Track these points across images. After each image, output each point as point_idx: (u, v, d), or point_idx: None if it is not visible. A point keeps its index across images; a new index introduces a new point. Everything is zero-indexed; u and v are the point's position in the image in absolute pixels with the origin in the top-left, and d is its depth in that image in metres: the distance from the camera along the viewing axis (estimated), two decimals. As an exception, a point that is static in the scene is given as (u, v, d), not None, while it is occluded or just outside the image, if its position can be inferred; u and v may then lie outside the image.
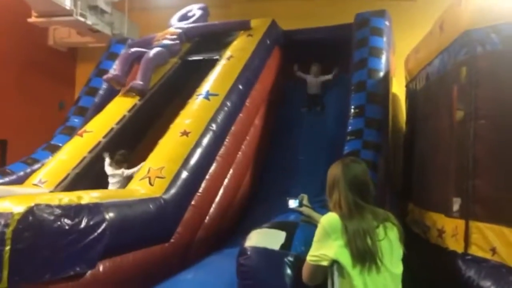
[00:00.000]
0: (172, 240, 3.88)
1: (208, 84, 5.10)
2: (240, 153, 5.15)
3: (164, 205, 3.78)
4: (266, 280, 1.99)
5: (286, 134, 5.89)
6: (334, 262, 1.76)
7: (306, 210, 2.46)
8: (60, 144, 5.26)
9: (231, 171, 4.89)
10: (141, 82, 5.47)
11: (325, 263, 1.78)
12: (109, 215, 3.11)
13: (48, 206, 2.68)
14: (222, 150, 4.68)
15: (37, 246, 2.57)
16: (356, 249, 1.72)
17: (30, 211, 2.57)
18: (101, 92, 6.15)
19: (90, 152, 4.45)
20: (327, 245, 1.77)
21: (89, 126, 4.79)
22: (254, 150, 5.50)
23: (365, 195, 1.87)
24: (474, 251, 3.15)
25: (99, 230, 2.96)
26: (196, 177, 4.22)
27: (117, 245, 3.14)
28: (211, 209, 4.49)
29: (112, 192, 3.52)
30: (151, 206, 3.63)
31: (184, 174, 4.09)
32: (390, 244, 1.79)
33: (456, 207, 3.46)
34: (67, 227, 2.72)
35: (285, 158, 5.65)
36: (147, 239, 3.58)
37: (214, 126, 4.59)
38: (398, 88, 6.13)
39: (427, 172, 4.28)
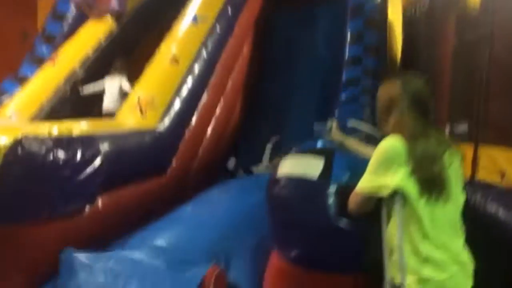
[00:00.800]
0: (167, 173, 3.67)
1: (195, 6, 4.60)
2: (230, 82, 4.84)
3: (158, 137, 3.51)
4: (304, 213, 1.80)
5: (276, 63, 5.55)
6: (396, 192, 1.60)
7: (337, 136, 2.26)
8: (28, 74, 4.73)
9: (221, 101, 4.60)
10: (117, 5, 4.89)
11: (384, 194, 1.59)
12: (104, 147, 2.82)
13: (38, 138, 2.35)
14: (213, 79, 4.34)
15: (30, 182, 2.28)
16: (424, 176, 1.53)
17: (18, 143, 2.24)
18: (69, 18, 5.46)
19: (65, 82, 4.00)
20: (389, 173, 1.57)
21: (62, 53, 4.26)
22: (244, 80, 5.17)
23: (428, 114, 1.67)
24: (482, 175, 3.13)
25: (95, 164, 2.69)
26: (188, 108, 3.91)
27: (114, 179, 2.89)
28: (204, 141, 4.26)
29: (102, 123, 3.19)
30: (145, 138, 3.36)
31: (177, 105, 3.78)
32: (456, 172, 1.62)
33: (463, 131, 3.40)
34: (61, 161, 2.43)
35: (276, 89, 5.36)
36: (143, 173, 3.33)
37: (204, 53, 4.20)
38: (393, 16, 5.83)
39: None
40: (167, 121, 3.67)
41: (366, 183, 1.65)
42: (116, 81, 4.68)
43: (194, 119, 4.00)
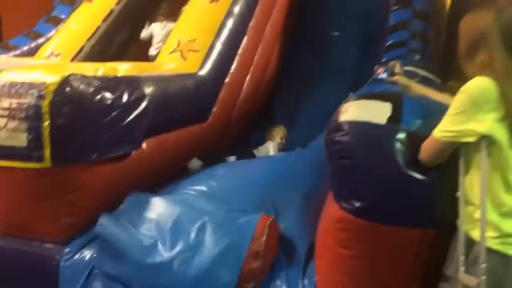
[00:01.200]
0: (209, 120, 3.59)
1: None
2: (268, 26, 4.59)
3: (200, 81, 3.38)
4: (370, 161, 1.66)
5: (316, 6, 5.22)
6: (482, 138, 1.44)
7: (401, 79, 2.07)
8: (62, 16, 4.58)
9: (260, 45, 4.39)
10: None
11: (469, 140, 1.44)
12: (148, 90, 2.72)
13: (85, 76, 2.27)
14: (253, 21, 4.11)
15: (80, 122, 2.22)
16: None
17: (65, 81, 2.15)
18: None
19: (104, 21, 3.85)
20: (476, 118, 1.42)
21: (99, -9, 4.09)
22: (282, 23, 4.90)
23: None
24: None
25: (142, 106, 2.60)
26: (230, 51, 3.74)
27: (158, 123, 2.81)
28: (243, 87, 4.12)
29: (144, 66, 3.08)
30: (188, 82, 3.24)
31: (218, 48, 3.60)
32: None
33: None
34: (109, 101, 2.35)
35: (315, 34, 5.09)
36: (186, 118, 3.25)
37: (245, -12, 3.94)
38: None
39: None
40: (208, 65, 3.52)
41: (448, 127, 1.49)
42: (163, 26, 4.51)
43: (234, 63, 3.86)
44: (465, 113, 1.44)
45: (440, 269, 1.63)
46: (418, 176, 1.62)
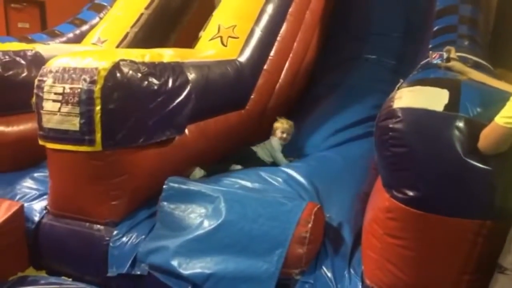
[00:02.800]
0: (247, 107, 3.59)
1: None
2: (308, 11, 4.51)
3: (240, 68, 3.39)
4: (426, 148, 1.60)
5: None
6: None
7: (457, 65, 1.99)
8: (105, 3, 4.68)
9: (300, 31, 4.33)
10: None
11: None
12: (191, 76, 2.75)
13: (134, 62, 2.30)
14: (292, 7, 4.06)
15: (129, 107, 2.27)
16: None
17: (116, 66, 2.20)
18: None
19: (146, 8, 3.91)
20: None
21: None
22: (321, 8, 4.81)
23: None
24: None
25: (185, 92, 2.63)
26: (269, 38, 3.71)
27: (200, 109, 2.84)
28: (282, 74, 4.09)
29: (186, 52, 3.10)
30: (228, 69, 3.24)
31: (258, 34, 3.59)
32: None
33: None
34: (155, 87, 2.39)
35: (355, 19, 4.96)
36: (225, 104, 3.28)
37: (285, -24, 3.88)
38: None
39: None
40: (247, 51, 3.51)
41: (508, 114, 1.43)
42: None
43: (273, 50, 3.83)
44: None
45: (496, 260, 1.58)
46: (476, 165, 1.56)
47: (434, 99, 1.67)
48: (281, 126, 3.38)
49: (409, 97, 1.72)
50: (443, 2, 3.96)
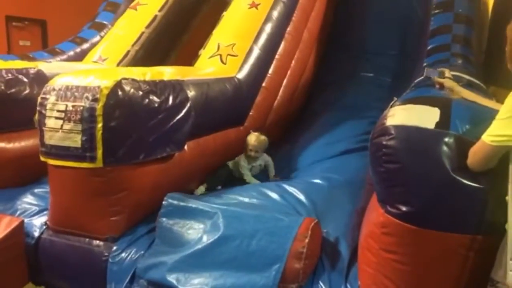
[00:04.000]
0: (246, 124, 3.65)
1: None
2: (305, 31, 4.62)
3: (239, 85, 3.46)
4: (418, 166, 1.65)
5: (352, 7, 5.21)
6: None
7: (448, 82, 2.06)
8: (105, 22, 4.80)
9: (298, 50, 4.42)
10: None
11: None
12: (191, 93, 2.81)
13: (135, 80, 2.37)
14: (290, 26, 4.16)
15: (130, 125, 2.32)
16: None
17: (118, 85, 2.26)
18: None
19: (147, 27, 4.00)
20: None
21: (143, -1, 4.24)
22: (319, 27, 4.92)
23: None
24: None
25: (185, 109, 2.69)
26: (267, 56, 3.80)
27: (199, 126, 2.89)
28: (280, 92, 4.16)
29: (185, 70, 3.17)
30: (227, 86, 3.31)
31: (256, 52, 3.67)
32: None
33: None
34: (156, 105, 2.44)
35: (352, 38, 5.08)
36: (224, 121, 3.34)
37: (283, -3, 4.00)
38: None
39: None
40: (246, 69, 3.59)
41: (498, 132, 1.48)
42: None
43: (272, 68, 3.91)
44: None
45: (488, 274, 1.61)
46: (467, 181, 1.60)
47: (426, 117, 1.73)
48: (250, 143, 3.19)
49: (401, 115, 1.78)
50: (437, 21, 4.07)
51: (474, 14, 4.15)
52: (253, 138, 3.21)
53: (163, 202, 2.39)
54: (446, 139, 1.65)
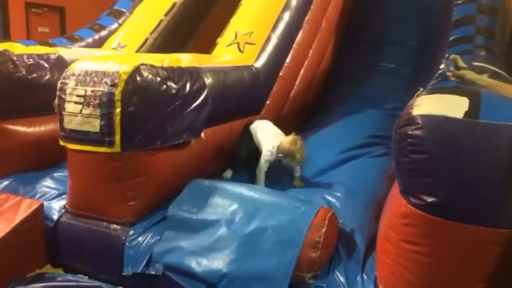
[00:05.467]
0: (262, 113, 3.63)
1: None
2: (324, 20, 4.55)
3: (256, 74, 3.43)
4: (446, 155, 1.61)
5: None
6: None
7: (468, 74, 2.00)
8: (124, 10, 4.79)
9: (316, 39, 4.36)
10: None
11: None
12: (208, 80, 2.80)
13: (153, 66, 2.36)
14: (309, 15, 4.10)
15: (148, 110, 2.32)
16: None
17: (136, 70, 2.26)
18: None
19: (166, 14, 3.99)
20: None
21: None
22: (338, 17, 4.84)
23: None
24: None
25: (202, 97, 2.68)
26: (285, 45, 3.76)
27: (216, 113, 2.88)
28: (297, 81, 4.12)
29: (203, 57, 3.15)
30: (244, 74, 3.29)
31: (274, 41, 3.64)
32: None
33: None
34: (173, 91, 2.44)
35: (370, 28, 4.98)
36: (241, 109, 3.32)
37: (302, -16, 3.94)
38: None
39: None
40: (263, 58, 3.56)
41: None
42: None
43: (289, 57, 3.87)
44: None
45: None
46: (495, 173, 1.56)
47: (454, 106, 1.68)
48: (295, 156, 2.68)
49: (428, 104, 1.73)
50: (460, 12, 3.96)
51: (498, 5, 4.02)
52: (297, 153, 2.69)
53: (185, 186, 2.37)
54: (476, 129, 1.60)
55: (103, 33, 4.51)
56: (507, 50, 4.52)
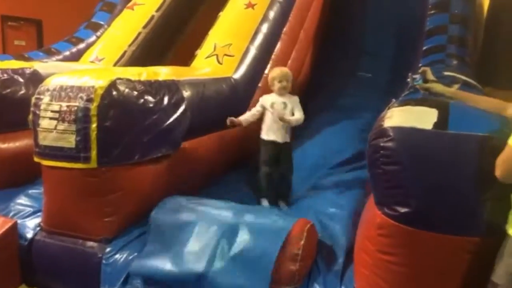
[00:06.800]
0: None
1: None
2: (302, 31, 4.61)
3: (235, 85, 3.45)
4: (417, 166, 1.64)
5: (349, 7, 5.20)
6: None
7: (436, 86, 2.05)
8: (102, 22, 4.76)
9: (294, 50, 4.41)
10: None
11: None
12: (187, 93, 2.80)
13: (130, 81, 2.35)
14: (286, 27, 4.15)
15: (125, 125, 2.30)
16: None
17: (112, 85, 2.24)
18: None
19: (144, 27, 3.98)
20: None
21: (140, -1, 4.23)
22: (315, 28, 4.91)
23: None
24: None
25: (180, 110, 2.68)
26: (264, 56, 3.79)
27: (196, 126, 2.87)
28: (276, 93, 4.15)
29: (181, 70, 3.15)
30: (224, 86, 3.30)
31: (252, 52, 3.67)
32: None
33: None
34: (151, 105, 2.43)
35: (347, 39, 5.07)
36: (220, 121, 3.29)
37: (279, -3, 3.99)
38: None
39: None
40: (242, 69, 3.58)
41: None
42: None
43: (267, 69, 3.89)
44: None
45: (487, 277, 1.60)
46: (465, 182, 1.60)
47: (424, 117, 1.72)
48: (274, 75, 2.96)
49: (399, 116, 1.77)
50: (432, 22, 4.07)
51: (469, 15, 4.15)
52: (276, 71, 3.03)
53: (159, 203, 2.36)
54: (445, 139, 1.64)
55: (81, 46, 4.46)
56: (478, 59, 4.67)
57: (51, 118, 2.26)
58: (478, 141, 1.61)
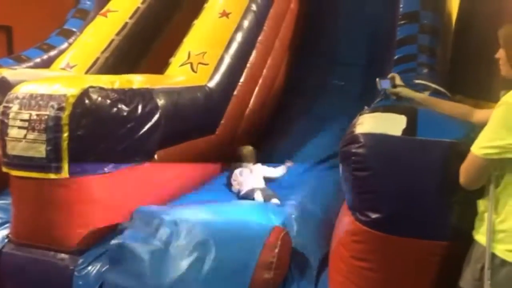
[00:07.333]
0: (217, 132, 3.63)
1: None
2: (277, 40, 4.66)
3: (210, 93, 3.44)
4: (387, 172, 1.68)
5: (323, 17, 5.29)
6: None
7: (404, 91, 2.11)
8: (74, 29, 4.68)
9: (269, 58, 4.46)
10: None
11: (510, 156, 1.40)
12: (161, 102, 2.78)
13: (103, 89, 2.32)
14: (261, 36, 4.19)
15: (97, 134, 2.27)
16: None
17: (85, 93, 2.20)
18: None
19: (117, 34, 3.93)
20: None
21: (113, 4, 4.16)
22: (290, 36, 4.98)
23: None
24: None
25: (155, 118, 2.66)
26: (238, 65, 3.80)
27: (170, 135, 2.86)
28: (251, 100, 4.18)
29: (155, 78, 3.13)
30: (198, 94, 3.29)
31: (227, 61, 3.67)
32: None
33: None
34: (124, 114, 2.40)
35: (322, 47, 5.16)
36: (195, 130, 3.31)
37: (254, 7, 4.02)
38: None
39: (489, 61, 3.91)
40: (217, 77, 3.58)
41: (489, 143, 1.44)
42: None
43: (243, 76, 3.92)
44: (506, 127, 1.41)
45: (455, 281, 1.65)
46: (433, 187, 1.65)
47: (393, 124, 1.76)
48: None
49: (369, 123, 1.81)
50: (403, 32, 4.19)
51: (439, 25, 4.29)
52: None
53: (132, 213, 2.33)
54: (413, 145, 1.69)
55: (52, 53, 4.37)
56: (448, 67, 4.83)
57: (20, 127, 2.20)
58: (446, 147, 1.66)
